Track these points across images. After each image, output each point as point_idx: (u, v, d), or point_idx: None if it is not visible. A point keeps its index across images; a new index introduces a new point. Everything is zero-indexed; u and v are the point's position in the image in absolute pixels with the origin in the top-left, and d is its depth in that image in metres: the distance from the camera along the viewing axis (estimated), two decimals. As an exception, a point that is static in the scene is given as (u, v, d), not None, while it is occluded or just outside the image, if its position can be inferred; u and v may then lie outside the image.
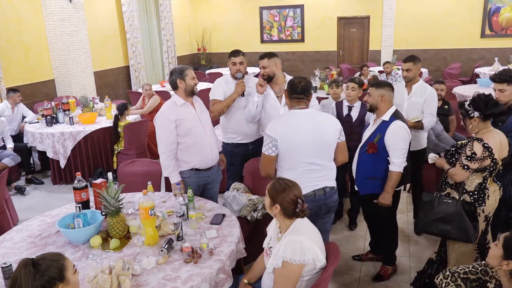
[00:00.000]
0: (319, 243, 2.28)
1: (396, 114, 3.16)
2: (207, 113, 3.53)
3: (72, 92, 7.97)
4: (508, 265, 1.99)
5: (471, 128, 2.85)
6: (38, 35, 7.75)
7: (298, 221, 2.30)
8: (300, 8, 13.05)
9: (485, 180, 2.84)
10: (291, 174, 2.76)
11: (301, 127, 2.78)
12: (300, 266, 2.17)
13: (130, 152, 5.67)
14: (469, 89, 7.59)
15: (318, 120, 2.81)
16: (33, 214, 3.35)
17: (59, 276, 1.78)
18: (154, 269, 2.33)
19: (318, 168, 2.81)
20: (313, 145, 2.77)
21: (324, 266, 2.25)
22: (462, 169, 2.78)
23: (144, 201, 2.53)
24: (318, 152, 2.79)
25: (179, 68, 3.33)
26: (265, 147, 2.82)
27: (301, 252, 2.15)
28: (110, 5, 9.68)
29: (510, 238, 2.05)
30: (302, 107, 2.85)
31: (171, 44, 11.86)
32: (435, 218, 2.90)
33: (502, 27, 11.49)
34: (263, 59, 3.63)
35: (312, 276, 2.25)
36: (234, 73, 3.84)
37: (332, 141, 2.84)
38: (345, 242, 4.10)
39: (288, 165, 2.83)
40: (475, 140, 2.76)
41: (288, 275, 2.18)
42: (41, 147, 5.76)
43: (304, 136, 2.76)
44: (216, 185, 3.61)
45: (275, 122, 2.88)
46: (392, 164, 3.11)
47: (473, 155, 2.73)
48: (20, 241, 2.71)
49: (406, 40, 12.24)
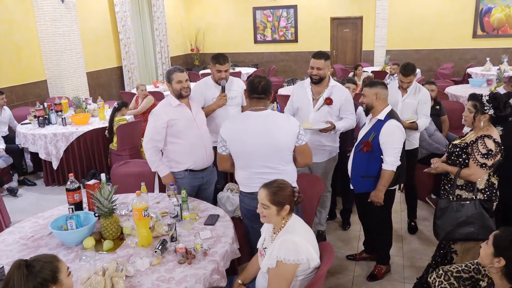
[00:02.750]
0: (313, 243, 2.29)
1: (391, 113, 3.17)
2: (203, 114, 3.51)
3: (65, 93, 7.92)
4: (499, 262, 2.00)
5: (477, 121, 2.80)
6: (30, 36, 7.70)
7: (291, 220, 2.31)
8: (293, 9, 13.08)
9: (489, 175, 2.86)
10: (245, 172, 2.80)
11: (249, 131, 2.71)
12: (294, 265, 2.17)
13: (124, 153, 5.64)
14: (461, 89, 7.66)
15: (270, 124, 2.70)
16: (25, 216, 3.32)
17: (52, 278, 1.77)
18: (148, 270, 2.32)
19: (271, 171, 2.74)
20: (262, 150, 2.70)
21: (318, 265, 2.26)
22: (480, 167, 2.75)
23: (138, 202, 2.52)
24: (268, 157, 2.72)
25: (169, 72, 3.31)
26: (218, 145, 2.86)
27: (295, 252, 2.16)
28: (103, 6, 9.63)
29: (500, 235, 2.06)
30: (260, 108, 2.76)
31: (164, 45, 11.82)
32: (457, 223, 2.81)
33: (494, 27, 11.59)
34: (320, 60, 3.55)
35: (306, 276, 2.25)
36: (218, 80, 3.78)
37: (285, 146, 2.72)
38: (339, 242, 4.11)
39: (241, 164, 2.83)
40: (486, 137, 2.73)
41: (282, 275, 2.18)
42: (33, 148, 5.71)
43: (251, 140, 2.70)
44: (211, 186, 3.59)
45: (226, 123, 2.84)
46: (385, 162, 3.12)
47: (490, 152, 2.71)
48: (12, 243, 2.69)
49: (399, 41, 12.32)
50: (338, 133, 3.75)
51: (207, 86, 3.85)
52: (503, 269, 2.01)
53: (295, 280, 2.23)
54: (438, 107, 4.88)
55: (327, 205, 4.06)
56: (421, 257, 3.81)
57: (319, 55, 3.59)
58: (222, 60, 3.74)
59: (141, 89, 6.82)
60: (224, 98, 3.74)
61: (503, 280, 2.02)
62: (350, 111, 3.71)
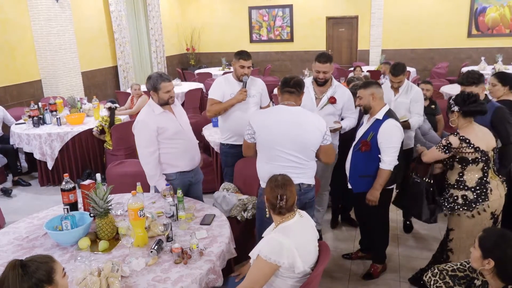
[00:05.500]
0: (304, 251, 2.21)
1: (389, 112, 3.18)
2: (186, 116, 3.48)
3: (60, 93, 7.88)
4: (489, 263, 2.02)
5: (452, 121, 2.99)
6: (24, 35, 7.65)
7: (291, 221, 2.26)
8: (289, 8, 13.08)
9: (485, 173, 2.89)
10: (268, 166, 2.83)
11: (282, 120, 2.81)
12: (272, 265, 2.14)
13: (119, 152, 5.62)
14: (456, 88, 7.67)
15: (302, 119, 2.82)
16: (20, 217, 3.30)
17: (47, 279, 1.76)
18: (144, 270, 2.31)
19: (296, 164, 2.83)
20: (292, 139, 2.78)
21: (309, 272, 2.24)
22: (436, 151, 2.96)
23: (133, 202, 2.51)
24: (297, 147, 2.80)
25: (154, 80, 3.17)
26: (245, 132, 2.93)
27: (277, 253, 2.13)
28: (98, 5, 9.59)
29: (484, 237, 2.09)
30: (291, 103, 2.85)
31: (159, 44, 11.79)
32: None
33: (488, 27, 11.65)
34: (325, 63, 3.56)
35: (299, 279, 2.24)
36: (240, 76, 3.80)
37: (313, 142, 2.83)
38: (335, 241, 4.12)
39: (267, 157, 2.87)
40: (452, 134, 2.93)
41: (259, 270, 2.17)
42: (28, 148, 5.68)
43: (283, 128, 2.78)
44: (200, 183, 3.60)
45: (258, 113, 2.95)
46: (382, 162, 3.13)
47: (449, 145, 2.89)
48: (7, 243, 2.67)
49: (394, 40, 12.35)
50: (337, 132, 3.77)
51: (227, 82, 3.87)
52: (494, 270, 2.02)
53: (285, 284, 2.22)
54: (434, 107, 4.89)
55: (325, 204, 4.07)
56: (416, 256, 3.83)
57: (324, 59, 3.58)
58: (246, 56, 3.80)
59: (135, 88, 6.79)
60: (244, 93, 3.74)
61: (496, 280, 2.04)
62: (352, 110, 3.76)
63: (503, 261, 1.99)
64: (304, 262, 2.19)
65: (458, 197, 2.94)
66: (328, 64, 3.57)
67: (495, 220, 2.95)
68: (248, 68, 3.79)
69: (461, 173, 2.93)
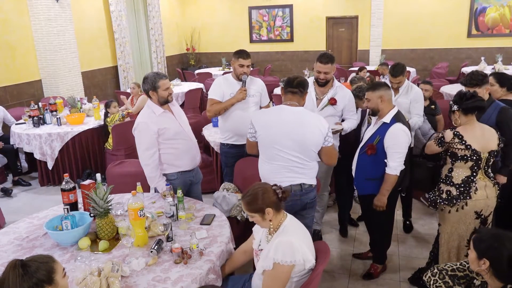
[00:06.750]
0: (309, 244, 2.29)
1: (397, 115, 3.12)
2: (185, 116, 3.48)
3: (60, 93, 7.88)
4: (485, 263, 2.03)
5: (455, 122, 3.00)
6: (24, 35, 7.65)
7: (287, 221, 2.31)
8: (289, 8, 13.08)
9: (473, 173, 2.91)
10: (269, 166, 2.84)
11: (283, 120, 2.80)
12: (290, 267, 2.17)
13: (119, 152, 5.62)
14: (456, 88, 7.66)
15: (303, 119, 2.80)
16: (20, 217, 3.31)
17: (47, 279, 1.77)
18: (144, 270, 2.31)
19: (297, 164, 2.82)
20: (293, 139, 2.77)
21: (313, 267, 2.26)
22: (433, 145, 3.04)
23: (133, 202, 2.51)
24: (298, 147, 2.79)
25: (151, 79, 3.15)
26: (248, 131, 2.95)
27: (291, 253, 2.16)
28: (98, 5, 9.58)
29: (478, 238, 2.10)
30: (294, 103, 2.85)
31: (159, 44, 11.79)
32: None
33: (488, 27, 11.65)
34: (327, 64, 3.54)
35: (301, 277, 2.25)
36: (239, 75, 3.80)
37: (314, 143, 2.80)
38: (335, 241, 4.12)
39: (268, 156, 2.86)
40: (449, 129, 2.97)
41: (278, 277, 2.18)
42: (28, 148, 5.68)
43: (284, 128, 2.77)
44: (199, 182, 3.60)
45: (260, 112, 2.94)
46: (388, 167, 3.09)
47: (441, 139, 2.95)
48: (7, 243, 2.68)
49: (394, 40, 12.35)
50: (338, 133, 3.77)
51: (227, 82, 3.87)
52: (490, 269, 2.03)
53: (290, 281, 2.23)
54: (434, 107, 4.89)
55: (324, 205, 4.07)
56: (416, 256, 3.83)
57: (325, 59, 3.56)
58: (245, 55, 3.81)
59: (133, 87, 6.78)
60: (244, 92, 3.74)
61: (494, 280, 2.04)
62: (353, 111, 3.75)
63: (497, 260, 2.00)
64: (312, 254, 2.25)
65: (443, 192, 3.01)
66: (330, 65, 3.55)
67: (482, 221, 2.98)
68: (247, 67, 3.79)
69: (451, 169, 3.00)
